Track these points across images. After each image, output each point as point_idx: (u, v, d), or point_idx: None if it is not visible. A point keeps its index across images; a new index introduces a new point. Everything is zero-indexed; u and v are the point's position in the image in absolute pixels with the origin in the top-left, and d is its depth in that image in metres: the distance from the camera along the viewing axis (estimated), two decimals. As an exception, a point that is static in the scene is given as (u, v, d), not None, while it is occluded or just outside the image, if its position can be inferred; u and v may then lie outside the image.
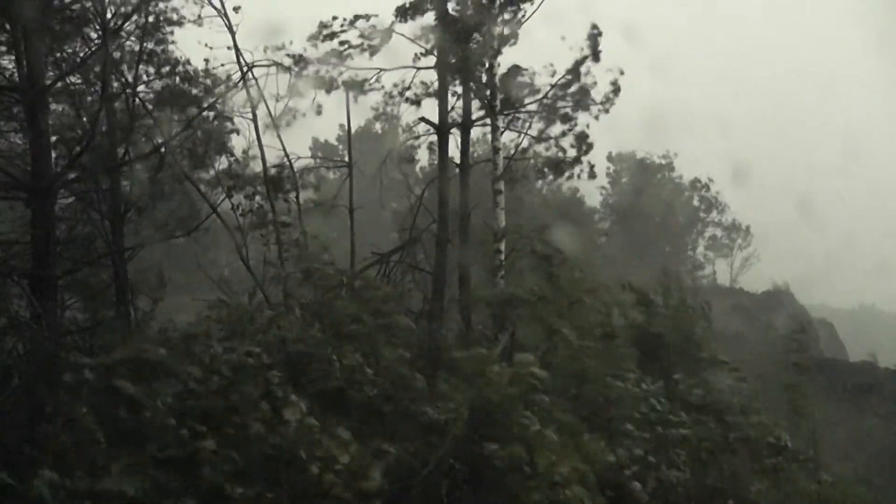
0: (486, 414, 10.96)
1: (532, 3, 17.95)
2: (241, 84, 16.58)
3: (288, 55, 17.54)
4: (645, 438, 12.98)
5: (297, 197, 17.61)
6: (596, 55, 18.41)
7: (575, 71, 18.42)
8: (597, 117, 18.88)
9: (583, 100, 18.63)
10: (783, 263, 64.98)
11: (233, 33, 16.40)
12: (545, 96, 18.82)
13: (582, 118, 18.95)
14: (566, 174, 19.56)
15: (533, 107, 19.10)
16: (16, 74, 14.38)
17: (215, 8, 16.39)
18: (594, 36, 18.33)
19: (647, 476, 12.23)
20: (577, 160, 19.09)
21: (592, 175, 19.65)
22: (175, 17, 15.98)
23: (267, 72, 17.08)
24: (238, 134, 16.92)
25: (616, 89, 18.65)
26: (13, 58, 14.26)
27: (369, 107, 19.94)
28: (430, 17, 18.16)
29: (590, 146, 19.15)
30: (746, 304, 51.89)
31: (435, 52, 18.38)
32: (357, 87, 18.47)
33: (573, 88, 18.61)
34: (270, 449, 9.08)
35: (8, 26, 13.99)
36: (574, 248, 17.39)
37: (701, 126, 68.93)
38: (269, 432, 9.10)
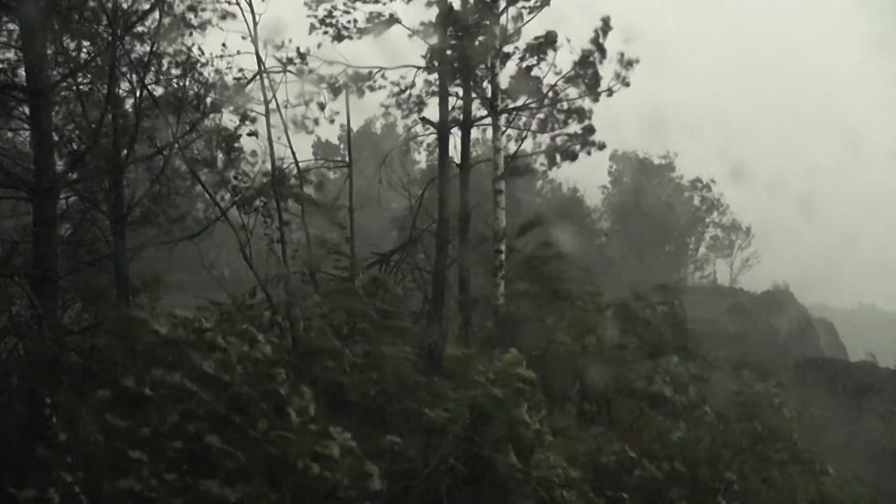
0: (481, 416, 10.98)
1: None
2: (254, 85, 16.53)
3: (295, 55, 17.58)
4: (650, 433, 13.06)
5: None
6: (602, 51, 18.31)
7: (584, 63, 18.32)
8: (610, 94, 18.72)
9: (593, 85, 18.47)
10: (783, 263, 65.04)
11: (254, 35, 16.37)
12: (546, 96, 18.77)
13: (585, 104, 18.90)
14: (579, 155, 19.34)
15: (534, 105, 19.04)
16: (19, 73, 14.40)
17: (240, 7, 16.33)
18: (603, 31, 18.22)
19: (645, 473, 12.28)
20: (585, 142, 18.92)
21: (602, 145, 19.42)
22: (193, 19, 15.83)
23: (283, 76, 17.08)
24: (256, 136, 16.87)
25: (628, 62, 18.46)
26: (18, 56, 14.27)
27: (370, 106, 19.96)
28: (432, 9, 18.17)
29: (592, 129, 19.02)
30: (746, 304, 51.92)
31: (436, 51, 18.41)
32: (361, 80, 18.44)
33: (583, 75, 18.42)
34: (273, 447, 9.10)
35: (14, 24, 13.99)
36: (573, 247, 17.46)
37: (701, 126, 68.96)
38: (271, 429, 9.12)
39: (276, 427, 9.07)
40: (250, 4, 16.16)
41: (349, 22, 17.95)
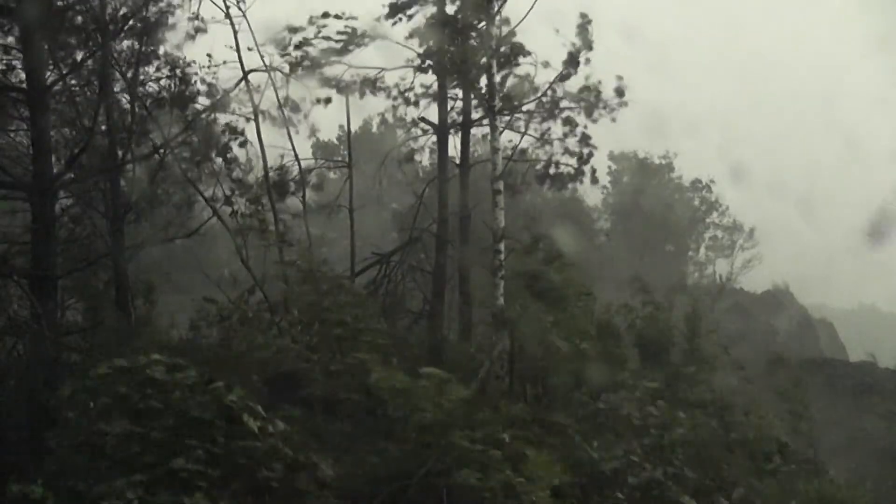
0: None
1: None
2: (243, 85, 16.59)
3: (291, 55, 17.59)
4: (641, 441, 13.06)
5: (303, 197, 17.70)
6: (589, 45, 18.25)
7: (572, 62, 18.26)
8: (595, 121, 18.73)
9: (594, 105, 18.43)
10: (783, 263, 64.82)
11: (235, 35, 16.46)
12: (543, 94, 18.72)
13: (581, 120, 18.88)
14: (569, 185, 19.53)
15: (532, 106, 19.00)
16: (14, 74, 14.41)
17: (221, 9, 16.43)
18: (584, 25, 18.16)
19: (636, 478, 12.29)
20: (579, 171, 19.01)
21: (594, 180, 19.54)
22: (170, 20, 15.90)
23: (273, 75, 17.11)
24: (241, 140, 16.90)
25: (621, 91, 18.46)
26: (15, 58, 14.29)
27: (370, 107, 19.92)
28: (423, 17, 18.15)
29: (591, 155, 19.09)
30: (746, 304, 51.83)
31: (434, 53, 18.38)
32: (367, 85, 18.44)
33: (579, 90, 18.34)
34: (240, 457, 9.07)
35: (13, 27, 14.00)
36: (573, 248, 17.44)
37: (701, 126, 68.70)
38: (230, 440, 9.10)
39: (237, 437, 9.02)
40: (228, 10, 16.32)
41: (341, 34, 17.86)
